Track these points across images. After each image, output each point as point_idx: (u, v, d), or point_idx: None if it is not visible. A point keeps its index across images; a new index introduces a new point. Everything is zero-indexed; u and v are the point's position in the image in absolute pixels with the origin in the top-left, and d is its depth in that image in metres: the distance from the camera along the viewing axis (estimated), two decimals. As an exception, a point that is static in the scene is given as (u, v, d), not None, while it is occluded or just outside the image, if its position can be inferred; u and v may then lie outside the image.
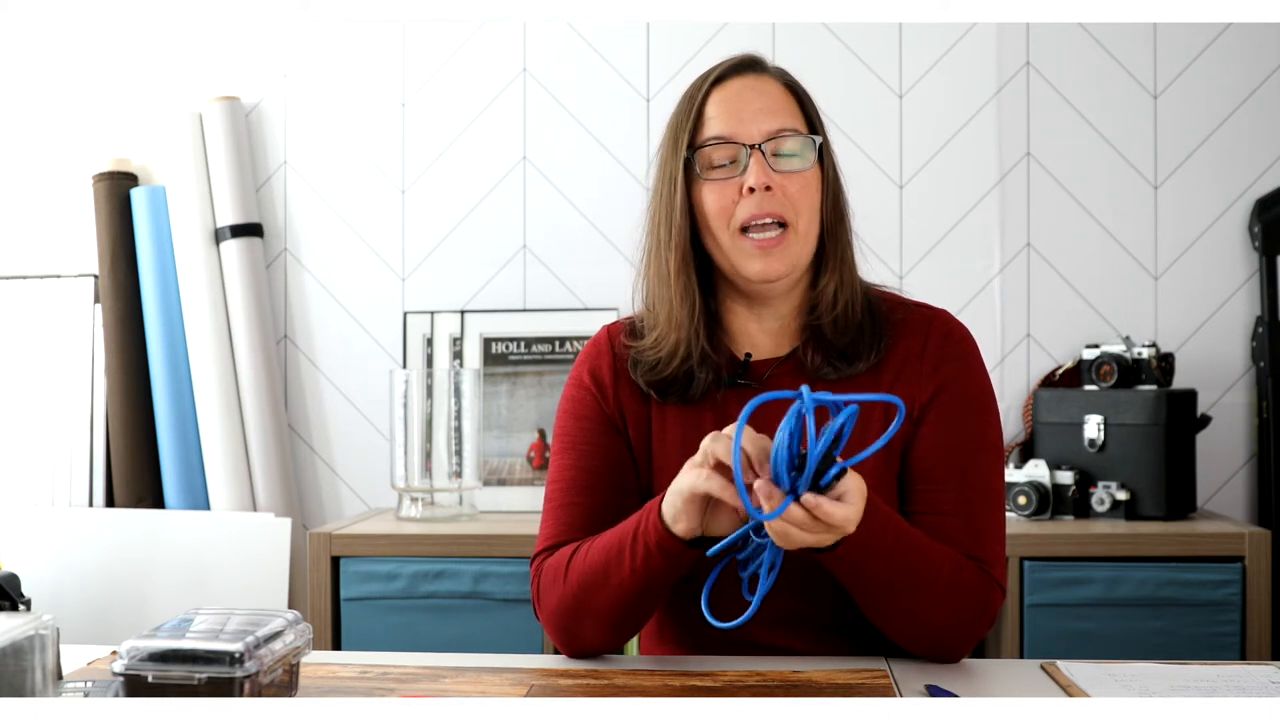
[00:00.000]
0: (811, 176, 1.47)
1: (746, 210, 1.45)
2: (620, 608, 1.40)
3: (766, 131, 1.45)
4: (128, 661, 1.11)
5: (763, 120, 1.46)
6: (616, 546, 1.38)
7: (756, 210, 1.44)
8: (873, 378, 1.49)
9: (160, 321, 2.86)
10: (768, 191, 1.44)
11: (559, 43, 2.91)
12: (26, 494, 2.86)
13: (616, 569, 1.38)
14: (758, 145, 1.45)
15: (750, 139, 1.45)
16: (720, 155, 1.47)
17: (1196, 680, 1.30)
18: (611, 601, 1.40)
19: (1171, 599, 2.37)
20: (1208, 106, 2.81)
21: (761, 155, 1.45)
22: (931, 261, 2.84)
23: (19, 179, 2.99)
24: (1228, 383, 2.79)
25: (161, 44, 2.96)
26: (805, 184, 1.46)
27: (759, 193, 1.44)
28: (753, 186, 1.44)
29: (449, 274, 2.92)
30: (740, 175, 1.45)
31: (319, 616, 2.47)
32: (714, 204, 1.46)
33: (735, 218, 1.45)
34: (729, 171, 1.46)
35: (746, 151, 1.45)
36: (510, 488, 2.84)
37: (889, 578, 1.34)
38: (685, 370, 1.50)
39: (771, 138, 1.45)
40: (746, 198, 1.44)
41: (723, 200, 1.46)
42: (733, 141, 1.45)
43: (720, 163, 1.47)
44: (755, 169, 1.44)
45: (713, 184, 1.46)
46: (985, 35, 2.83)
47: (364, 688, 1.31)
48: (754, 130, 1.45)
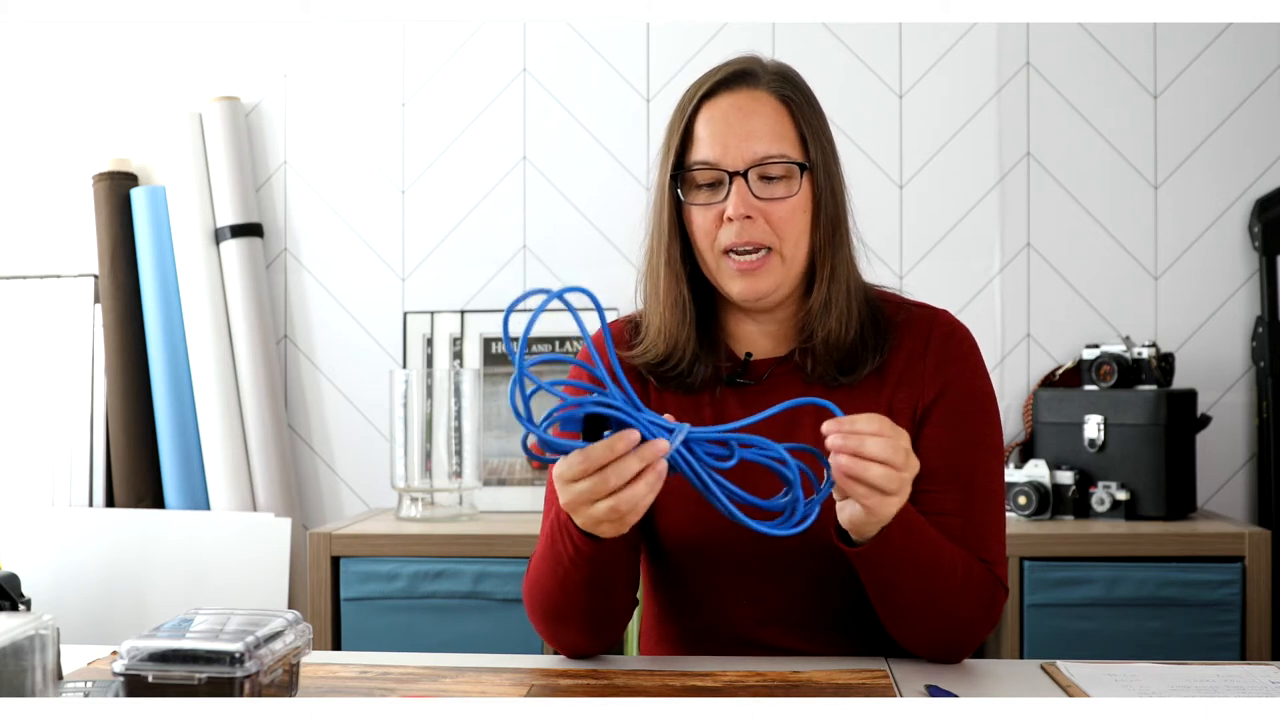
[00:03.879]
0: (797, 201, 1.45)
1: (727, 237, 1.44)
2: (577, 605, 1.40)
3: (750, 159, 1.44)
4: (128, 661, 1.11)
5: (747, 145, 1.44)
6: (551, 550, 1.38)
7: (736, 239, 1.44)
8: (876, 379, 1.49)
9: (160, 321, 2.86)
10: (748, 220, 1.43)
11: (559, 43, 2.91)
12: (26, 494, 2.86)
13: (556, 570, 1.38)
14: (741, 173, 1.44)
15: (733, 165, 1.44)
16: (705, 178, 1.46)
17: (1196, 680, 1.30)
18: (569, 601, 1.40)
19: (1171, 599, 2.37)
20: (1208, 106, 2.81)
21: (745, 182, 1.43)
22: (931, 261, 2.84)
23: (19, 179, 2.99)
24: (1228, 383, 2.79)
25: (161, 44, 2.96)
26: (790, 210, 1.45)
27: (739, 221, 1.43)
28: (732, 216, 1.43)
29: (449, 274, 2.92)
30: (723, 201, 1.44)
31: (319, 616, 2.47)
32: (699, 226, 1.46)
33: (718, 242, 1.45)
34: (713, 195, 1.45)
35: (730, 177, 1.44)
36: (510, 488, 2.84)
37: (914, 577, 1.34)
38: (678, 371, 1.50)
39: (755, 164, 1.44)
40: (727, 225, 1.44)
41: (706, 224, 1.46)
42: (717, 168, 1.45)
43: (705, 184, 1.46)
44: (735, 199, 1.43)
45: (698, 207, 1.46)
46: (985, 35, 2.83)
47: (364, 688, 1.31)
48: (737, 157, 1.44)
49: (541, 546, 1.42)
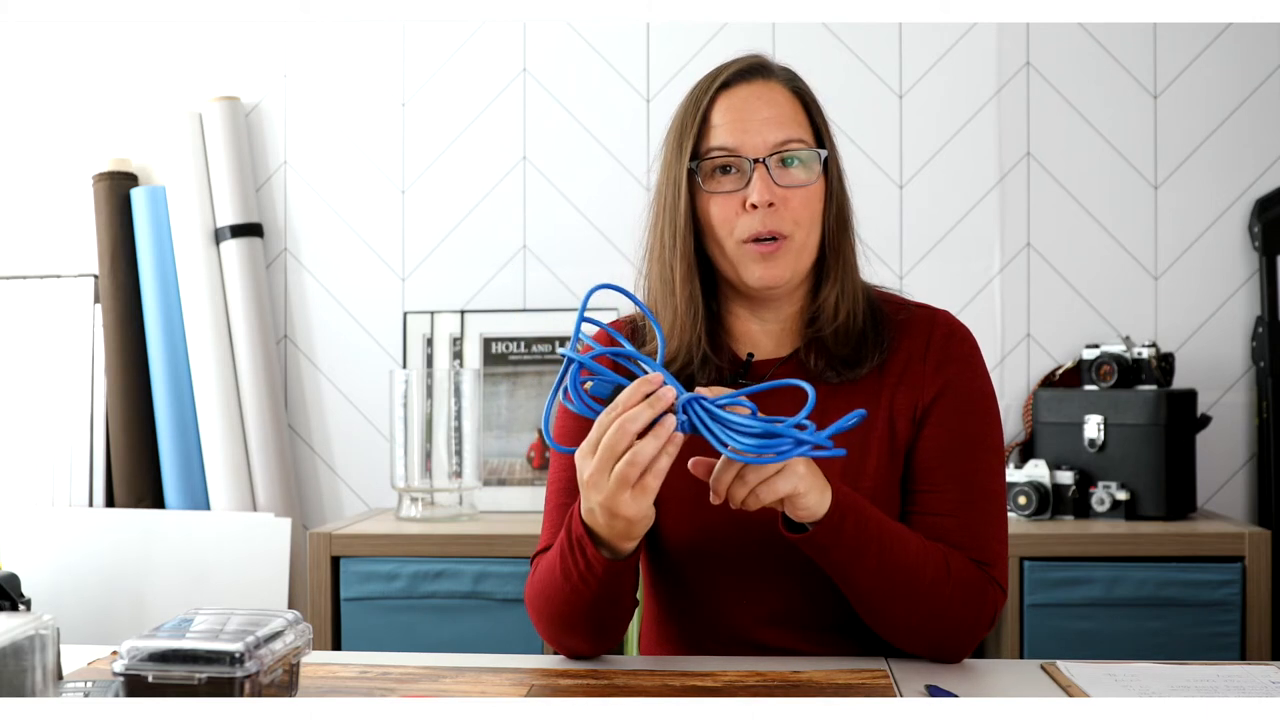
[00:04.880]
0: (815, 189, 1.46)
1: (749, 226, 1.44)
2: (583, 617, 1.40)
3: (771, 144, 1.44)
4: (128, 661, 1.11)
5: (768, 132, 1.44)
6: (561, 565, 1.38)
7: (760, 227, 1.43)
8: (876, 379, 1.49)
9: (160, 321, 2.86)
10: (770, 208, 1.43)
11: (559, 43, 2.91)
12: (26, 494, 2.86)
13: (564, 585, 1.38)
14: (762, 159, 1.44)
15: (755, 152, 1.44)
16: (722, 167, 1.46)
17: (1196, 680, 1.30)
18: (575, 614, 1.39)
19: (1171, 599, 2.37)
20: (1208, 106, 2.81)
21: (765, 169, 1.43)
22: (931, 262, 2.84)
23: (19, 179, 2.99)
24: (1228, 383, 2.79)
25: (161, 44, 2.96)
26: (808, 197, 1.45)
27: (762, 209, 1.43)
28: (755, 204, 1.43)
29: (449, 274, 2.92)
30: (744, 189, 1.44)
31: (319, 616, 2.47)
32: (717, 214, 1.45)
33: (738, 230, 1.45)
34: (733, 183, 1.45)
35: (750, 164, 1.44)
36: (510, 488, 2.84)
37: (870, 566, 1.34)
38: (687, 374, 1.50)
39: (776, 151, 1.44)
40: (749, 213, 1.44)
41: (725, 212, 1.45)
42: (737, 154, 1.45)
43: (724, 172, 1.46)
44: (759, 185, 1.43)
45: (716, 195, 1.45)
46: (985, 35, 2.83)
47: (364, 688, 1.31)
48: (759, 142, 1.44)
49: (547, 562, 1.42)
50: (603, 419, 1.25)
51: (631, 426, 1.22)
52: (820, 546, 1.33)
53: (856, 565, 1.34)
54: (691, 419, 1.23)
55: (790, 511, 1.30)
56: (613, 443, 1.23)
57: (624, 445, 1.22)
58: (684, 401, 1.23)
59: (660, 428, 1.22)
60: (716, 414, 1.22)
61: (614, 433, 1.23)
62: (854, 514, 1.32)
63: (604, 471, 1.24)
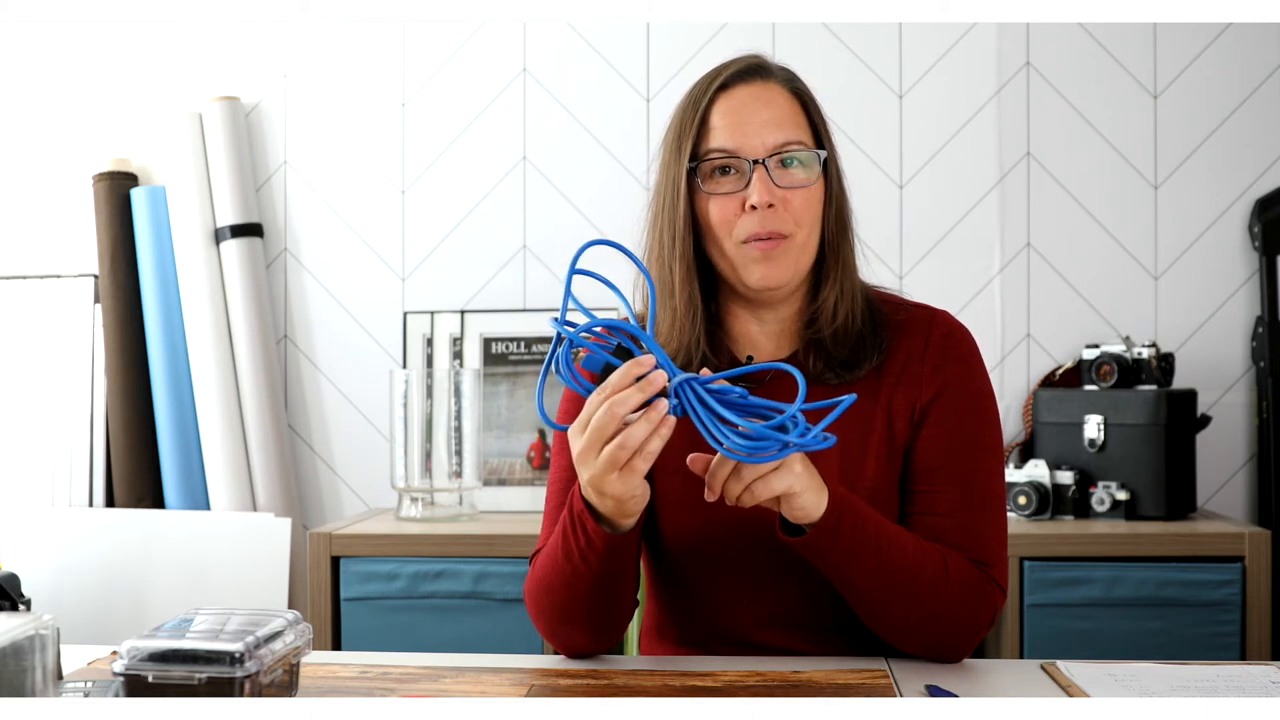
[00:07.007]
0: (815, 190, 1.46)
1: (748, 227, 1.43)
2: (584, 603, 1.40)
3: (771, 145, 1.44)
4: (128, 661, 1.11)
5: (768, 133, 1.44)
6: (563, 546, 1.38)
7: (759, 228, 1.43)
8: (874, 380, 1.49)
9: (160, 321, 2.86)
10: (770, 209, 1.43)
11: (559, 43, 2.91)
12: (26, 494, 2.86)
13: (565, 566, 1.38)
14: (762, 160, 1.44)
15: (754, 154, 1.44)
16: (721, 167, 1.46)
17: (1196, 680, 1.30)
18: (575, 598, 1.40)
19: (1171, 599, 2.37)
20: (1208, 106, 2.81)
21: (765, 171, 1.43)
22: (931, 262, 2.84)
23: (19, 179, 2.99)
24: (1228, 383, 2.79)
25: (161, 44, 2.96)
26: (808, 197, 1.45)
27: (762, 210, 1.43)
28: (755, 205, 1.43)
29: (449, 274, 2.92)
30: (743, 190, 1.44)
31: (319, 616, 2.47)
32: (717, 216, 1.45)
33: (737, 231, 1.45)
34: (733, 184, 1.45)
35: (750, 165, 1.44)
36: (510, 488, 2.84)
37: (867, 567, 1.34)
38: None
39: (776, 152, 1.44)
40: (749, 214, 1.44)
41: (725, 214, 1.45)
42: (736, 156, 1.44)
43: (723, 173, 1.46)
44: (759, 186, 1.43)
45: (716, 196, 1.45)
46: (985, 35, 2.83)
47: (364, 688, 1.31)
48: (758, 144, 1.44)
49: (548, 548, 1.42)
50: (593, 399, 1.24)
51: (620, 410, 1.22)
52: (817, 549, 1.33)
53: (854, 567, 1.34)
54: (684, 403, 1.22)
55: (786, 512, 1.30)
56: (601, 425, 1.22)
57: (613, 428, 1.22)
58: (677, 384, 1.22)
59: (652, 410, 1.22)
60: (708, 400, 1.21)
61: (602, 415, 1.22)
62: (851, 515, 1.32)
63: (592, 451, 1.24)
